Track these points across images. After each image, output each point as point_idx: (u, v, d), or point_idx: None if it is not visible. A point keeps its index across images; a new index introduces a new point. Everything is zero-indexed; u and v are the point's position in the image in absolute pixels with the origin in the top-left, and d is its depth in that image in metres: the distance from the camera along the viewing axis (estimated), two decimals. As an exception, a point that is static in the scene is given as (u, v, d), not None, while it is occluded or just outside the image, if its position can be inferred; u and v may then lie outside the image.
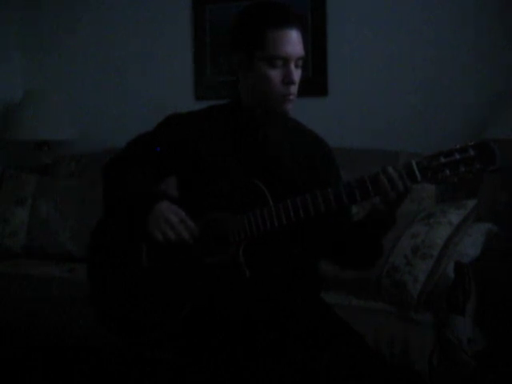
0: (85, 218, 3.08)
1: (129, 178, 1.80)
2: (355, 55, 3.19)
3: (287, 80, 1.70)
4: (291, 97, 1.72)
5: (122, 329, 1.81)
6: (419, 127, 3.09)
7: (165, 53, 3.55)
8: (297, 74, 1.72)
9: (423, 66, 3.09)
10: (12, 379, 2.34)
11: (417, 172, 1.53)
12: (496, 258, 2.61)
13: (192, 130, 1.81)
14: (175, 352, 1.80)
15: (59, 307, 2.41)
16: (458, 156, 1.51)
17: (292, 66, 1.70)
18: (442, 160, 1.51)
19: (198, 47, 3.47)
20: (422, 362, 2.08)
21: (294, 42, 1.69)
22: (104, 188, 1.86)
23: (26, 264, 3.03)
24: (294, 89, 1.73)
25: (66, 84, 3.72)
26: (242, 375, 1.62)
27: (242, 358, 1.63)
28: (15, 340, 2.36)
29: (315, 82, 3.24)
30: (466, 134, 2.92)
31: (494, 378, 2.29)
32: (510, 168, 2.78)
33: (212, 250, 1.70)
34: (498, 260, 2.61)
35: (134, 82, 3.60)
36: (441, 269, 2.33)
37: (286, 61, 1.69)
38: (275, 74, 1.70)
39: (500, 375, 2.31)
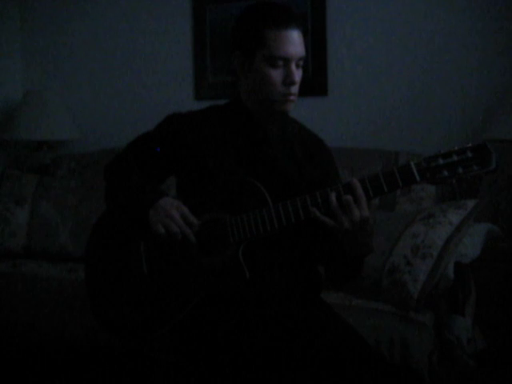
0: (85, 218, 3.08)
1: (130, 178, 1.80)
2: (355, 55, 3.19)
3: (288, 80, 1.70)
4: (292, 97, 1.72)
5: (119, 330, 1.81)
6: (419, 127, 3.09)
7: (165, 53, 3.54)
8: (298, 75, 1.72)
9: (423, 67, 3.09)
10: (12, 379, 2.34)
11: (415, 173, 1.54)
12: (496, 258, 2.62)
13: (192, 130, 1.81)
14: (175, 352, 1.80)
15: (59, 307, 2.41)
16: (455, 158, 1.51)
17: (293, 66, 1.70)
18: (441, 161, 1.52)
19: (198, 47, 3.46)
20: (422, 361, 2.08)
21: (294, 42, 1.69)
22: (106, 189, 1.86)
23: (25, 264, 3.04)
24: (295, 89, 1.72)
25: (66, 84, 3.72)
26: (242, 376, 1.62)
27: (241, 359, 1.63)
28: (15, 340, 2.36)
29: (315, 82, 3.24)
30: (465, 135, 2.92)
31: (494, 378, 2.30)
32: (511, 168, 2.78)
33: (211, 250, 1.70)
34: (498, 260, 2.62)
35: (134, 82, 3.60)
36: (441, 269, 2.32)
37: (286, 61, 1.69)
38: (276, 75, 1.70)
39: (500, 375, 2.32)
